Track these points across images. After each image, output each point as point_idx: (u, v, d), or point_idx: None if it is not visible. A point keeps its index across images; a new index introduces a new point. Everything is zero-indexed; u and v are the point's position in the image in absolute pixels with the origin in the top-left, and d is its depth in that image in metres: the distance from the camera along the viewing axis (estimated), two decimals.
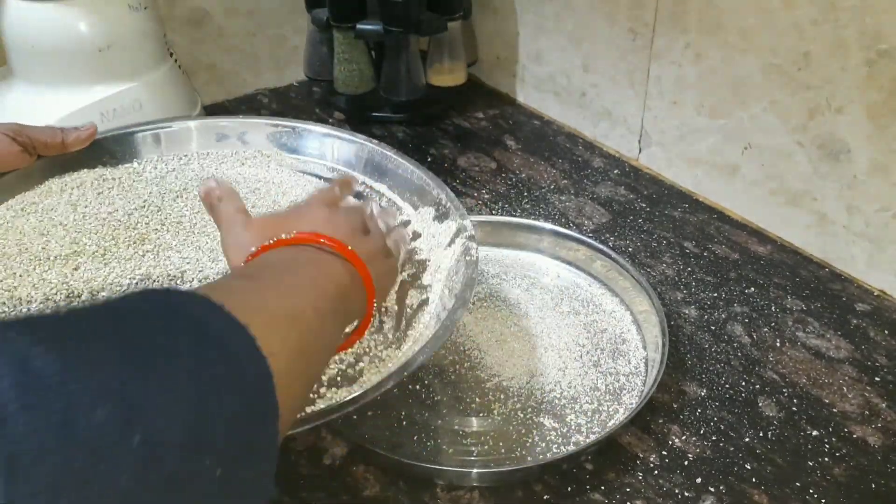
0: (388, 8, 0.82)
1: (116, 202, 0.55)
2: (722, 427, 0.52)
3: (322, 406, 0.41)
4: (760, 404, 0.54)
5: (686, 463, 0.50)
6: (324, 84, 0.95)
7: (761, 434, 0.52)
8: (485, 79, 0.98)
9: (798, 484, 0.48)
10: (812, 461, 0.50)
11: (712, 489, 0.48)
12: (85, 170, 0.58)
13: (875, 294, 0.64)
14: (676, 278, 0.65)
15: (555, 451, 0.50)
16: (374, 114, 0.89)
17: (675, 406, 0.54)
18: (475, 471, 0.48)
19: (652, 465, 0.50)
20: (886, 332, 0.60)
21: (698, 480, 0.49)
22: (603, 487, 0.48)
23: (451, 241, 0.51)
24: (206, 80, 0.93)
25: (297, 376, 0.34)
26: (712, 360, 0.57)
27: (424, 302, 0.49)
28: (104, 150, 0.60)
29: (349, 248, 0.41)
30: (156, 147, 0.61)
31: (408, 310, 0.48)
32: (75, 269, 0.49)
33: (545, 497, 0.48)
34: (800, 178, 0.66)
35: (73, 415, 0.23)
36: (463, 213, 0.52)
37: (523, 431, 0.52)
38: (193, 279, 0.50)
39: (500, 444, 0.51)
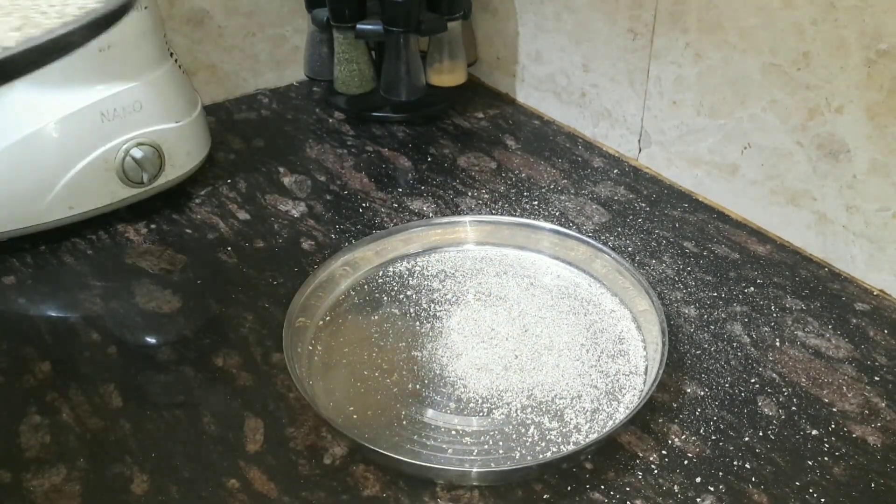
0: (388, 8, 0.82)
1: None
2: (721, 426, 0.52)
3: None
4: (760, 403, 0.54)
5: (686, 462, 0.50)
6: (324, 84, 0.95)
7: (761, 433, 0.52)
8: (484, 79, 0.99)
9: (798, 483, 0.49)
10: (812, 460, 0.50)
11: (712, 488, 0.48)
12: None
13: (875, 294, 0.64)
14: (676, 278, 0.65)
15: (554, 450, 0.50)
16: (374, 114, 0.89)
17: (674, 405, 0.54)
18: (475, 470, 0.48)
19: (651, 465, 0.50)
20: (886, 331, 0.60)
21: (698, 480, 0.49)
22: (603, 487, 0.48)
23: None
24: (206, 79, 0.93)
25: None
26: (712, 359, 0.58)
27: None
28: None
29: None
30: None
31: None
32: None
33: (545, 496, 0.48)
34: (799, 177, 0.66)
35: None
36: None
37: (523, 431, 0.52)
38: None
39: (500, 443, 0.51)
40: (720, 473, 0.49)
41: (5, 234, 0.68)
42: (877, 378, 0.56)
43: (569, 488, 0.48)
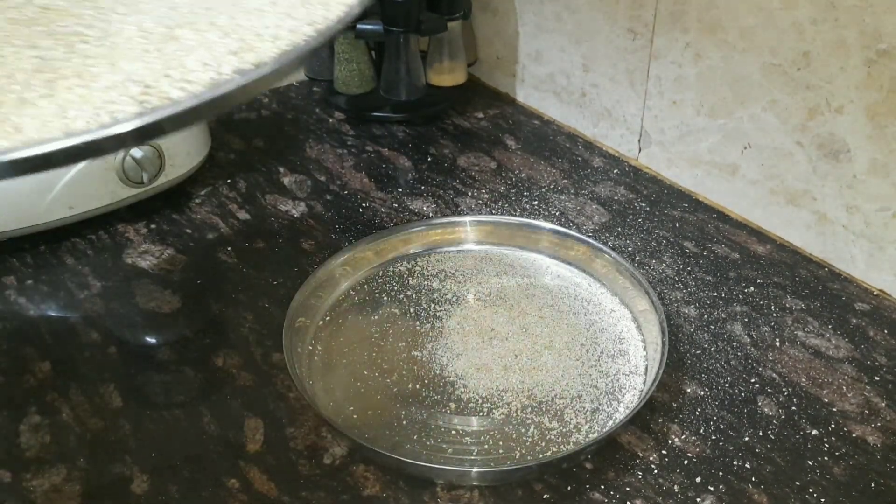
0: (388, 8, 0.82)
1: None
2: (721, 426, 0.52)
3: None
4: (760, 403, 0.54)
5: (686, 462, 0.50)
6: (324, 84, 0.95)
7: (761, 433, 0.52)
8: (485, 79, 0.98)
9: (798, 483, 0.49)
10: (811, 460, 0.50)
11: (712, 488, 0.48)
12: None
13: (874, 293, 0.64)
14: (676, 278, 0.65)
15: (554, 450, 0.50)
16: (374, 114, 0.89)
17: (674, 405, 0.54)
18: (475, 470, 0.48)
19: (651, 465, 0.50)
20: (886, 331, 0.60)
21: (698, 479, 0.49)
22: (603, 486, 0.48)
23: None
24: None
25: None
26: (712, 359, 0.58)
27: None
28: None
29: None
30: None
31: None
32: None
33: (545, 496, 0.48)
34: (799, 177, 0.66)
35: None
36: None
37: (523, 431, 0.52)
38: None
39: (500, 443, 0.51)
40: (720, 473, 0.49)
41: (5, 234, 0.68)
42: (877, 378, 0.56)
43: (569, 488, 0.48)
